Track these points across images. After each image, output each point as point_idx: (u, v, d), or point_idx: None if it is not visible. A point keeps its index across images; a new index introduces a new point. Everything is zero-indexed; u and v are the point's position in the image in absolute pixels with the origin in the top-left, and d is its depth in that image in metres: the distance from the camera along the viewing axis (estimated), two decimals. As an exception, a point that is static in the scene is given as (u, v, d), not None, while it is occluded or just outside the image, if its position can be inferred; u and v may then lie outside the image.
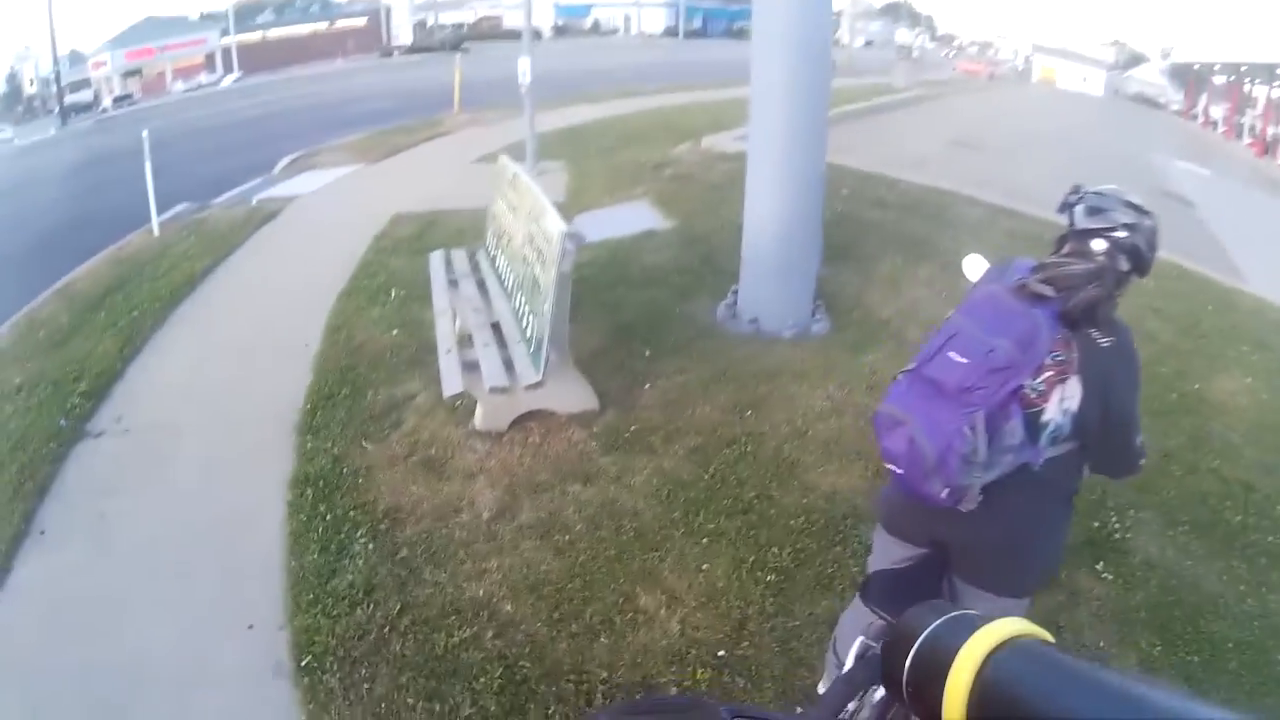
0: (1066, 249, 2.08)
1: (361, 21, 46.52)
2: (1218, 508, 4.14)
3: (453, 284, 5.27)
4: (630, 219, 8.25)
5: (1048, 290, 1.96)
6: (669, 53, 41.76)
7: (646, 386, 4.87)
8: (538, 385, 4.03)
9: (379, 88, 27.00)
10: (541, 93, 11.28)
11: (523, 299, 4.48)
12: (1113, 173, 16.36)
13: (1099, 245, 2.01)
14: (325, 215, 9.51)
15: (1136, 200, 2.07)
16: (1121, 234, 2.01)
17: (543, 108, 12.41)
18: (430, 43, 42.56)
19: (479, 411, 4.37)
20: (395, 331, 5.76)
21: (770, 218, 5.55)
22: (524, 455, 4.20)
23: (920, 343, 2.16)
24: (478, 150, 12.33)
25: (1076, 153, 16.71)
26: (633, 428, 4.41)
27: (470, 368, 4.20)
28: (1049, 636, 0.70)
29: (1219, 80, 46.01)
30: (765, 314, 5.72)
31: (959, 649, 0.68)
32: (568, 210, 7.96)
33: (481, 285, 5.24)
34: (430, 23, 50.89)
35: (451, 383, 4.06)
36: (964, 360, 1.93)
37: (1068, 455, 2.03)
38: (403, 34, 48.26)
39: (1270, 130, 34.74)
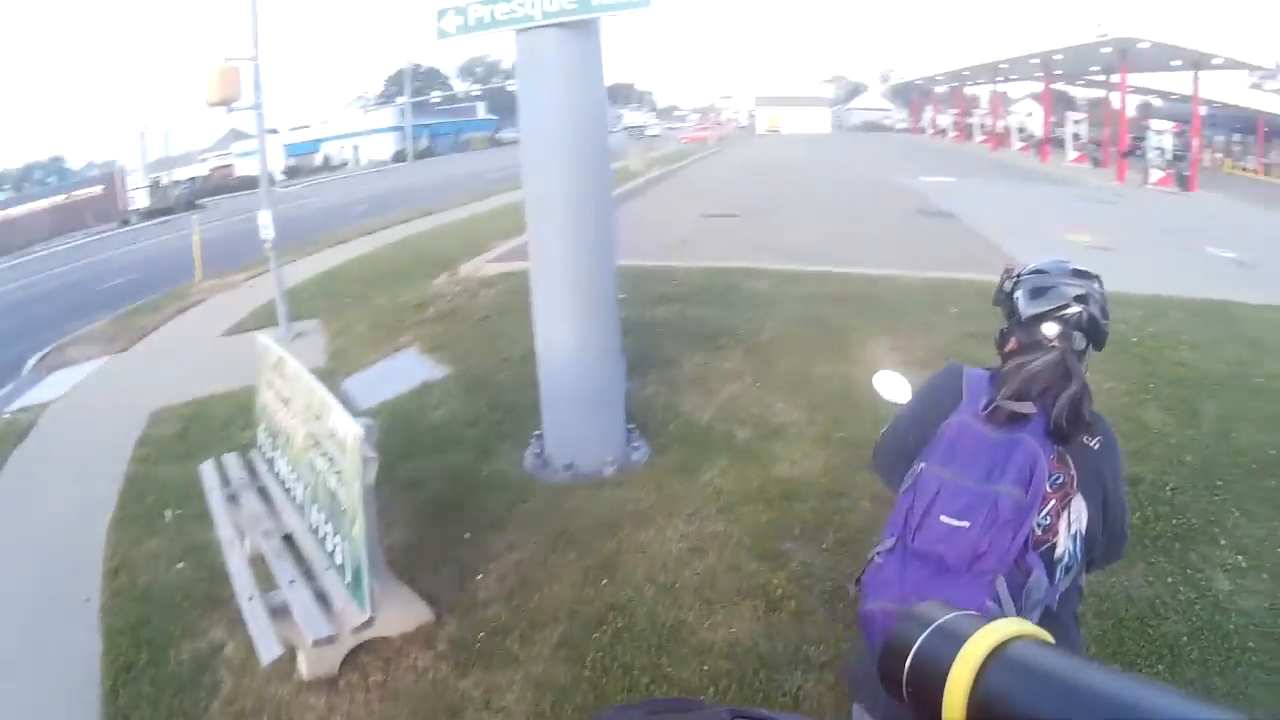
0: (1013, 343, 1.89)
1: (98, 189, 43.22)
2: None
3: (232, 500, 4.45)
4: (402, 373, 7.58)
5: (1027, 408, 1.75)
6: (403, 177, 41.35)
7: (480, 577, 4.25)
8: (367, 624, 3.33)
9: (122, 260, 24.63)
10: (285, 241, 10.46)
11: (322, 517, 3.75)
12: (873, 199, 17.41)
13: (1051, 329, 1.83)
14: (81, 421, 8.03)
15: (1079, 266, 1.90)
16: (1073, 309, 1.83)
17: (288, 257, 11.64)
18: (167, 202, 40.28)
19: (301, 659, 3.56)
20: (181, 565, 4.75)
21: (566, 345, 5.11)
22: (370, 701, 3.46)
23: (751, 440, 1.78)
24: (227, 319, 11.31)
25: (829, 194, 17.55)
26: (481, 635, 3.78)
27: (280, 612, 3.42)
28: (1048, 637, 0.69)
29: (941, 90, 50.92)
30: (580, 455, 5.23)
31: (959, 649, 0.67)
32: (332, 376, 7.32)
33: (265, 494, 4.46)
34: (164, 181, 48.15)
35: (267, 645, 3.24)
36: (964, 523, 1.68)
37: (1075, 576, 1.81)
38: (139, 195, 45.34)
39: (999, 123, 38.86)
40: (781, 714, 1.02)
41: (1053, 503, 1.70)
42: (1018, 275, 1.93)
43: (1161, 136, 24.66)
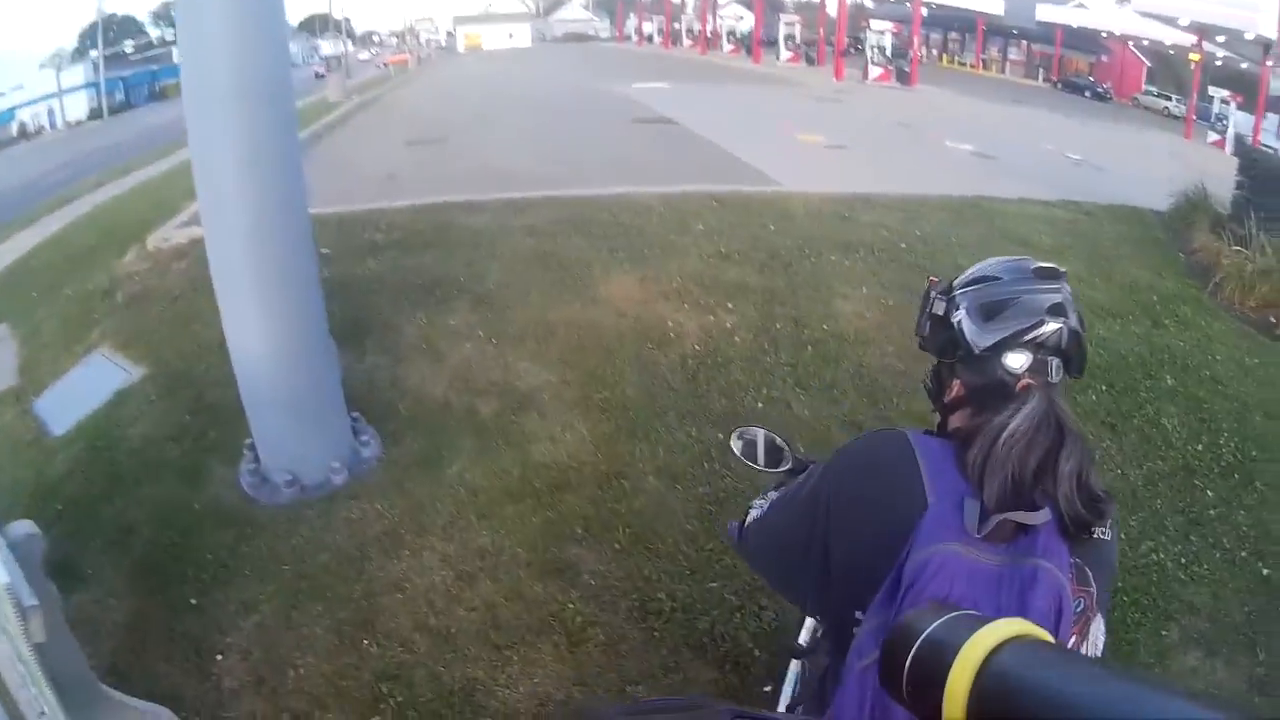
0: (957, 389, 1.41)
1: None
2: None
3: None
4: (93, 382, 6.01)
5: (1041, 517, 1.20)
6: (101, 136, 35.65)
7: (220, 658, 3.36)
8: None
9: None
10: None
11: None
12: (587, 113, 16.58)
13: (1018, 361, 1.32)
14: None
15: (1040, 262, 1.40)
16: (1049, 327, 1.32)
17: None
18: None
19: None
20: None
21: (261, 335, 4.08)
22: None
23: (498, 415, 1.09)
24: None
25: (540, 109, 16.59)
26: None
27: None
28: (1049, 637, 0.69)
29: None
30: (301, 464, 4.31)
31: (959, 649, 0.67)
32: (22, 397, 5.89)
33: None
34: None
35: None
36: None
37: None
38: None
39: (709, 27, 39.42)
40: (782, 714, 1.18)
41: (1073, 639, 1.23)
42: (952, 288, 1.44)
43: (881, 35, 25.86)
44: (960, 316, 1.39)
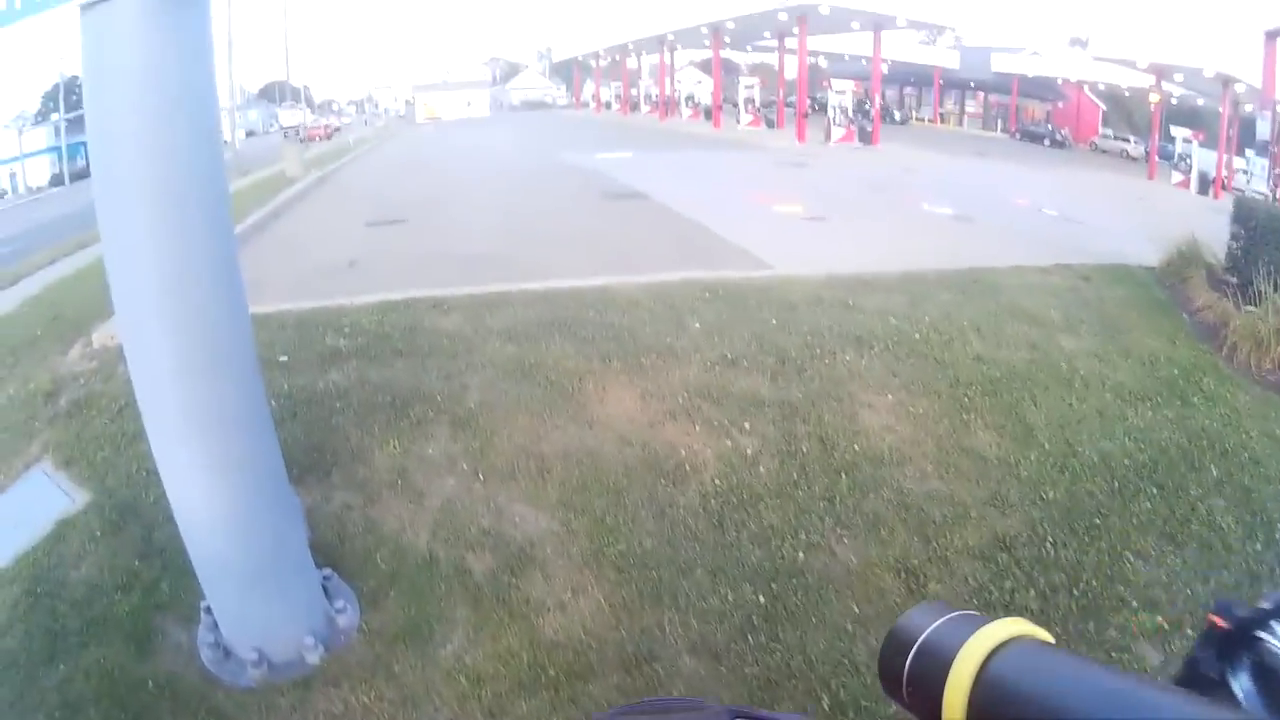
0: None
1: None
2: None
3: None
4: (35, 505, 5.23)
5: None
6: (62, 203, 34.63)
7: None
8: None
9: None
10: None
11: None
12: (552, 188, 16.07)
13: None
14: None
15: None
16: None
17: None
18: None
19: None
20: None
21: (209, 493, 3.37)
22: None
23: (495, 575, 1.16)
24: None
25: (504, 185, 16.10)
26: None
27: None
28: (1049, 637, 0.66)
29: (604, 63, 51.60)
30: (268, 637, 3.59)
31: (959, 649, 0.65)
32: None
33: None
34: None
35: None
36: None
37: None
38: None
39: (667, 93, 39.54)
40: (782, 714, 0.97)
41: None
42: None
43: (843, 95, 26.01)
44: None
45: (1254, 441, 5.88)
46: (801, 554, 4.22)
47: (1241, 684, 1.01)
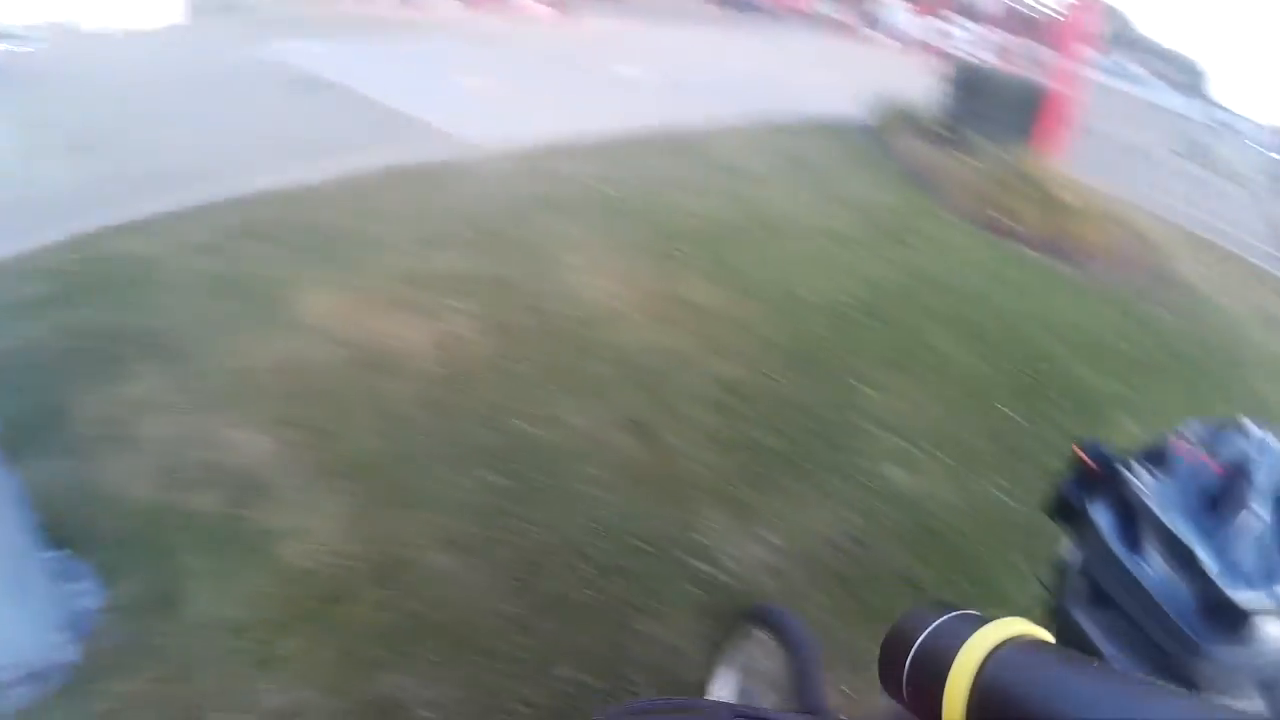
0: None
1: None
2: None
3: None
4: None
5: None
6: None
7: None
8: None
9: None
10: None
11: None
12: (232, 82, 14.58)
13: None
14: None
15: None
16: None
17: None
18: None
19: None
20: None
21: None
22: None
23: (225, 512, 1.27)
24: None
25: (190, 78, 14.52)
26: None
27: None
28: (1049, 637, 0.68)
29: None
30: (12, 650, 3.04)
31: (959, 649, 0.66)
32: None
33: None
34: None
35: None
36: None
37: None
38: None
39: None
40: (782, 714, 1.05)
41: None
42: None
43: None
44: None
45: (973, 274, 6.47)
46: (532, 428, 4.36)
47: (1100, 515, 1.18)
